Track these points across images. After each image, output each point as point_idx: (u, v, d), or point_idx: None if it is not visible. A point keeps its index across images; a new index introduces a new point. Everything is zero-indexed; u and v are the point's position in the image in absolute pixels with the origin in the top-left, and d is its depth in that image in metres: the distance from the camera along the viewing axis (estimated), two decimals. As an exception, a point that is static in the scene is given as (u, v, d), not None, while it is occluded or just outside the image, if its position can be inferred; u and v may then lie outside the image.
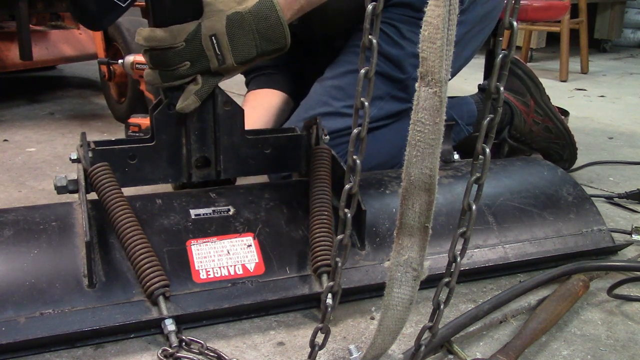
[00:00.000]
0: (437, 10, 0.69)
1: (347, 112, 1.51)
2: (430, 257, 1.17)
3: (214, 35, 1.11)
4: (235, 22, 1.12)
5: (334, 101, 1.52)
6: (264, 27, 1.13)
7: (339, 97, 1.52)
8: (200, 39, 1.11)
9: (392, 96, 1.56)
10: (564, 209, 1.34)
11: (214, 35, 1.11)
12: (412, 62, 1.54)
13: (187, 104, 1.13)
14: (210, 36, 1.11)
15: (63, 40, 2.93)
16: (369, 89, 0.74)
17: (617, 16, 5.24)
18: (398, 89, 1.55)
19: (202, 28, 1.11)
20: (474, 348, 1.01)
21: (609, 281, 1.17)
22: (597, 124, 2.67)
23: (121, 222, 1.05)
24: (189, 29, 1.11)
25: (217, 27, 1.11)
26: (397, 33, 1.53)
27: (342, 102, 1.51)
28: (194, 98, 1.14)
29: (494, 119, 0.74)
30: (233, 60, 1.13)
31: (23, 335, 0.94)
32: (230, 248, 1.11)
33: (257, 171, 1.30)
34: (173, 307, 1.02)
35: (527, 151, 1.87)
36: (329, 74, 1.57)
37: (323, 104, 1.52)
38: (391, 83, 1.54)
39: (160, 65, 1.12)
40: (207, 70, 1.14)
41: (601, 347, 1.01)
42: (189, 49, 1.11)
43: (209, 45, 1.11)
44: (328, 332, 0.85)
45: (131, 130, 1.66)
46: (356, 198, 0.77)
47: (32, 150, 2.11)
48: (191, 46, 1.11)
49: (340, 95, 1.52)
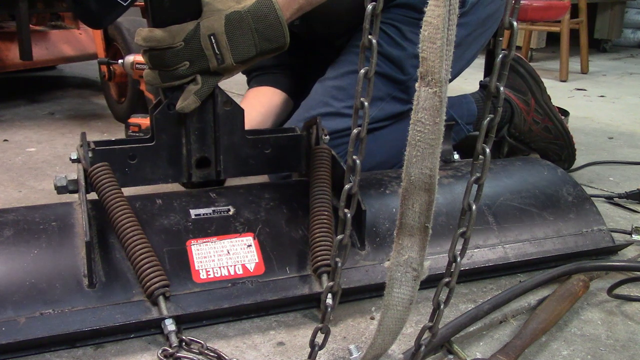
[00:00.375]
0: (437, 11, 0.69)
1: (347, 112, 1.51)
2: (430, 257, 1.17)
3: (212, 35, 1.11)
4: (234, 21, 1.12)
5: (335, 101, 1.52)
6: (262, 26, 1.13)
7: (340, 98, 1.52)
8: (199, 38, 1.11)
9: (392, 97, 1.56)
10: (564, 209, 1.34)
11: (212, 35, 1.11)
12: (413, 64, 1.53)
13: (187, 103, 1.13)
14: (209, 36, 1.11)
15: (63, 40, 2.92)
16: (368, 89, 0.74)
17: (617, 16, 5.24)
18: (399, 90, 1.55)
19: (201, 28, 1.11)
20: (474, 348, 1.01)
21: (609, 281, 1.17)
22: (597, 124, 2.67)
23: (121, 222, 1.05)
24: (187, 29, 1.11)
25: (216, 26, 1.11)
26: (398, 34, 1.53)
27: (342, 103, 1.51)
28: (194, 98, 1.14)
29: (494, 118, 0.74)
30: (232, 59, 1.13)
31: (23, 335, 0.94)
32: (230, 248, 1.11)
33: (257, 171, 1.30)
34: (173, 307, 1.02)
35: (525, 150, 1.86)
36: (330, 74, 1.57)
37: (324, 104, 1.52)
38: (392, 84, 1.54)
39: (159, 65, 1.12)
40: (207, 69, 1.14)
41: (601, 347, 1.01)
42: (188, 48, 1.11)
43: (208, 45, 1.11)
44: (328, 332, 0.85)
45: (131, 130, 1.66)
46: (356, 198, 0.77)
47: (32, 150, 2.11)
48: (190, 46, 1.11)
49: (341, 96, 1.52)
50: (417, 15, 1.50)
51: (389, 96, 1.55)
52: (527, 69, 1.80)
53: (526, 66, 1.81)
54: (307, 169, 1.29)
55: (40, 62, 2.81)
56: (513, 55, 0.71)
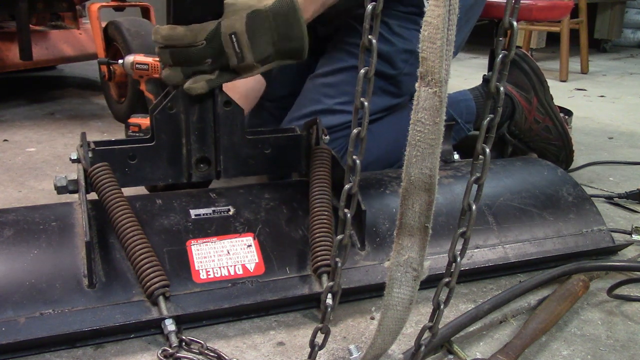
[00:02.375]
0: (437, 10, 0.69)
1: (339, 108, 1.52)
2: (430, 257, 1.17)
3: (234, 34, 1.11)
4: (255, 20, 1.12)
5: (326, 99, 1.53)
6: (283, 25, 1.13)
7: (331, 95, 1.53)
8: (220, 37, 1.11)
9: (383, 90, 1.56)
10: (564, 209, 1.34)
11: (234, 34, 1.11)
12: (403, 58, 1.54)
13: (195, 86, 1.14)
14: (230, 35, 1.11)
15: (63, 40, 2.92)
16: (368, 89, 0.74)
17: (617, 16, 5.24)
18: (389, 84, 1.57)
19: (222, 27, 1.11)
20: (474, 348, 1.01)
21: (609, 281, 1.17)
22: (597, 124, 2.67)
23: (121, 222, 1.05)
24: (209, 28, 1.11)
25: (237, 26, 1.11)
26: (386, 29, 1.53)
27: (334, 100, 1.52)
28: (204, 84, 1.14)
29: (494, 118, 0.74)
30: (253, 58, 1.13)
31: (23, 335, 0.94)
32: (230, 248, 1.11)
33: (257, 171, 1.30)
34: (173, 307, 1.02)
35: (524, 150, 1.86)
36: (320, 71, 1.58)
37: (316, 102, 1.53)
38: (383, 79, 1.55)
39: (183, 62, 1.13)
40: (227, 67, 1.14)
41: (601, 347, 1.01)
42: (210, 47, 1.11)
43: (229, 44, 1.12)
44: (328, 332, 0.85)
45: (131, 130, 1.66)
46: (356, 198, 0.77)
47: (32, 150, 2.11)
48: (212, 44, 1.11)
49: (333, 93, 1.53)
50: (403, 9, 1.50)
51: (380, 89, 1.56)
52: (531, 66, 1.79)
53: (531, 64, 1.79)
54: (307, 169, 1.29)
55: (40, 62, 2.80)
56: (514, 55, 0.71)
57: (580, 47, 4.09)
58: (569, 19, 3.78)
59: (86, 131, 1.22)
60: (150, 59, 1.90)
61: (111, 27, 2.48)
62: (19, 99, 2.92)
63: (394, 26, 1.52)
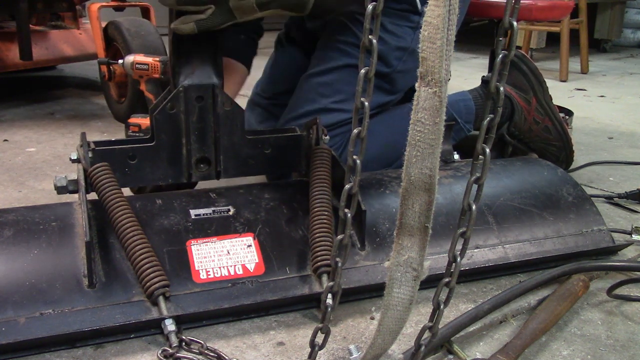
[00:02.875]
0: (437, 10, 0.69)
1: (335, 107, 1.53)
2: (430, 257, 1.17)
3: None
4: None
5: (321, 98, 1.53)
6: None
7: (326, 94, 1.53)
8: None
9: (378, 88, 1.56)
10: (564, 209, 1.34)
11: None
12: (397, 55, 1.54)
13: (183, 26, 1.12)
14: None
15: (63, 40, 2.92)
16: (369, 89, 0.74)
17: (617, 16, 5.23)
18: (384, 81, 1.57)
19: None
20: (474, 348, 1.01)
21: (609, 281, 1.17)
22: (597, 124, 2.67)
23: (121, 222, 1.05)
24: None
25: None
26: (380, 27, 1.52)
27: (329, 99, 1.53)
28: (192, 25, 1.12)
29: (494, 119, 0.74)
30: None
31: (23, 335, 0.94)
32: (230, 248, 1.11)
33: (257, 171, 1.30)
34: (173, 307, 1.02)
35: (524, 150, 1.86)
36: (314, 70, 1.58)
37: (311, 101, 1.54)
38: (377, 77, 1.54)
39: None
40: (225, 3, 1.12)
41: (601, 347, 1.01)
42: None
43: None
44: (328, 332, 0.85)
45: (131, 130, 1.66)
46: (356, 198, 0.77)
47: (32, 150, 2.11)
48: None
49: (327, 92, 1.53)
50: (397, 6, 1.50)
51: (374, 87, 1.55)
52: (530, 67, 1.80)
53: (529, 64, 1.80)
54: (307, 169, 1.29)
55: (40, 62, 2.80)
56: (513, 56, 0.71)
57: (580, 47, 4.09)
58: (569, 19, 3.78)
59: (86, 131, 1.22)
60: (150, 59, 1.90)
61: (111, 27, 2.48)
62: (19, 99, 2.92)
63: (387, 24, 1.52)
